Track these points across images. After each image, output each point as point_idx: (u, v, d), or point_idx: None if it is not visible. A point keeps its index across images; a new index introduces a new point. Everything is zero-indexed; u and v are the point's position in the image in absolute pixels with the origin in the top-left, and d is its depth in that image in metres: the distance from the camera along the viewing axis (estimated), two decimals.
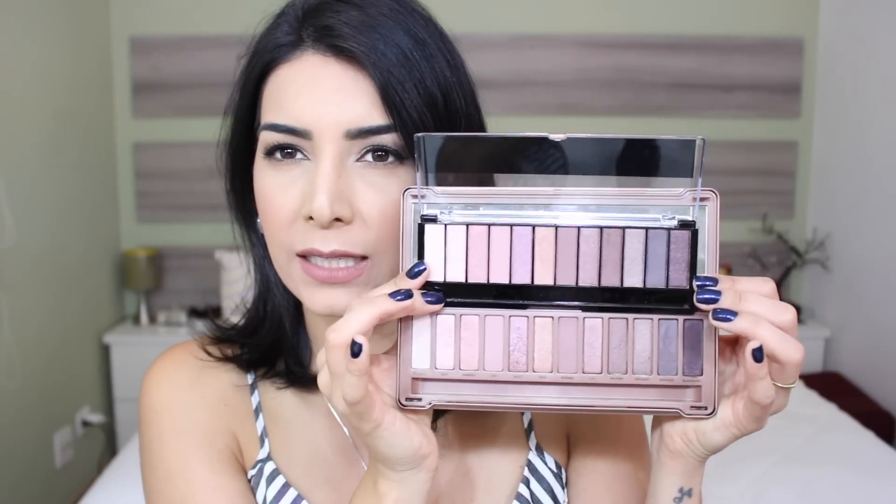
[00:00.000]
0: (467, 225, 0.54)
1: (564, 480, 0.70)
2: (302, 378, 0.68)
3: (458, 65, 0.61)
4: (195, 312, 2.90)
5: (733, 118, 2.97)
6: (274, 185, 0.58)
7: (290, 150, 0.58)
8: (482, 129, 0.64)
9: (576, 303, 0.54)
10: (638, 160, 0.54)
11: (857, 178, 2.71)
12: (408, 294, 0.51)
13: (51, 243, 2.43)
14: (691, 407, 0.53)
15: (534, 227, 0.54)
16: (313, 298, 0.59)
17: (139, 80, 2.87)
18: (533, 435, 0.70)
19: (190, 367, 0.69)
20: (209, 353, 0.69)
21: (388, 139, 0.56)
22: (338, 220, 0.56)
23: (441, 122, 0.58)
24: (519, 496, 0.67)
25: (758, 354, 0.48)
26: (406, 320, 0.53)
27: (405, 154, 0.57)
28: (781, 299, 0.51)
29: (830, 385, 2.56)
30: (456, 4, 2.89)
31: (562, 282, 0.54)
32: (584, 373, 0.54)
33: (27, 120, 2.31)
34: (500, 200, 0.54)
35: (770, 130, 2.99)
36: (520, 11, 2.93)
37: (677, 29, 2.92)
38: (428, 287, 0.53)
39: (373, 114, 0.56)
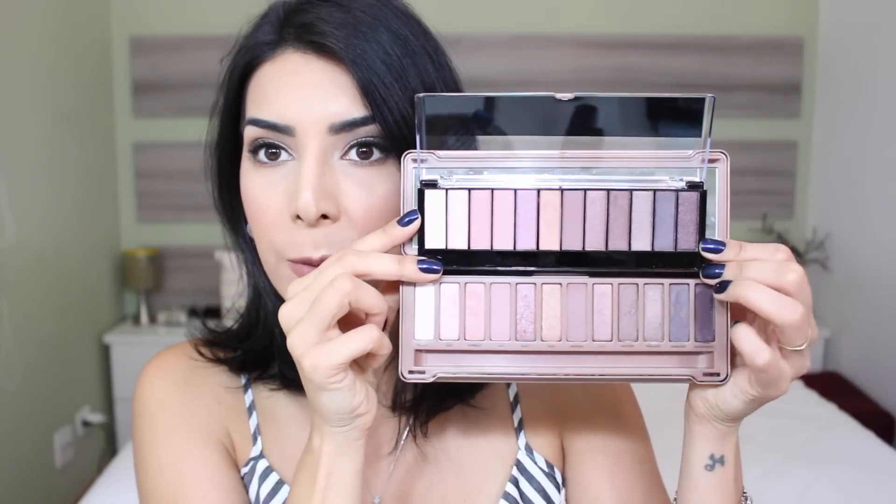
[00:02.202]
0: (469, 190, 0.52)
1: (560, 481, 0.69)
2: (295, 381, 0.67)
3: (443, 63, 0.60)
4: (195, 312, 2.90)
5: (733, 118, 2.97)
6: (259, 186, 0.58)
7: (274, 151, 0.57)
8: None
9: (584, 269, 0.52)
10: (646, 120, 0.52)
11: (857, 178, 2.71)
12: (426, 267, 0.51)
13: (51, 243, 2.43)
14: (704, 374, 0.52)
15: (539, 190, 0.52)
16: None
17: (139, 80, 2.87)
18: (523, 434, 0.69)
19: (184, 366, 0.69)
20: (202, 354, 0.69)
21: (373, 131, 0.56)
22: (325, 217, 0.55)
23: None
24: (506, 495, 0.66)
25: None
26: (408, 290, 0.51)
27: (390, 148, 0.56)
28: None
29: (830, 385, 2.56)
30: (456, 4, 2.90)
31: (568, 246, 0.52)
32: (593, 341, 0.52)
33: (27, 120, 2.30)
34: (504, 164, 0.52)
35: (770, 130, 2.99)
36: (519, 11, 2.92)
37: (677, 29, 2.92)
38: (429, 255, 0.52)
39: (354, 109, 0.55)
